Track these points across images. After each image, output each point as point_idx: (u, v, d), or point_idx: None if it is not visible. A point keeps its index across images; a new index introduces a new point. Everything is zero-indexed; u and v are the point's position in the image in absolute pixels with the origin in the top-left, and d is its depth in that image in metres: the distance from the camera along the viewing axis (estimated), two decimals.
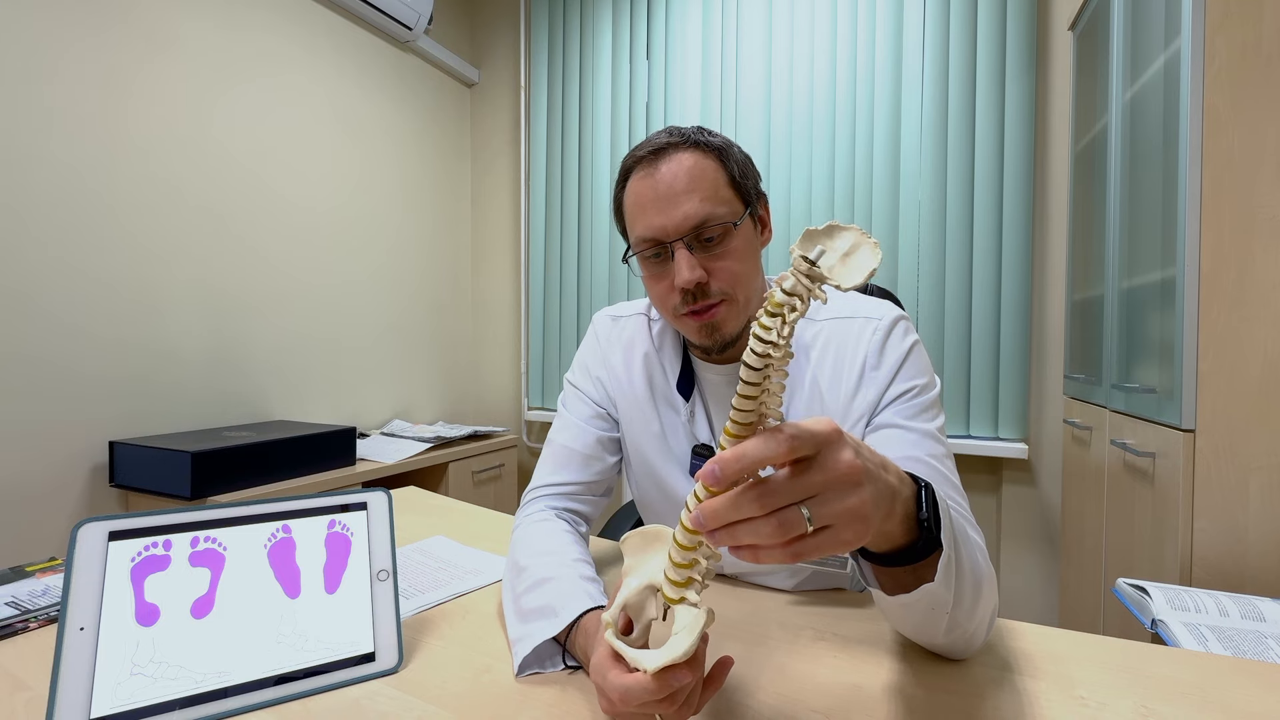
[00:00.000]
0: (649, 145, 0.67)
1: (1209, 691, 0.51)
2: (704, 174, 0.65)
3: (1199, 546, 0.90)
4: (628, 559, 0.46)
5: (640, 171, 0.67)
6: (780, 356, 0.35)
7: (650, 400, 0.77)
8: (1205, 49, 0.89)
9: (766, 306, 0.35)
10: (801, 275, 0.35)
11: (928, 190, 1.79)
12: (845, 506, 0.35)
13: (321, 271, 1.99)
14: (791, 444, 0.34)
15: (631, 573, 0.45)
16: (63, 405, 1.37)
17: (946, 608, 0.46)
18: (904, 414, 0.66)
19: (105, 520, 0.49)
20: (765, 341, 0.34)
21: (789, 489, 0.34)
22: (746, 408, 0.36)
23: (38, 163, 1.33)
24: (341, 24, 2.04)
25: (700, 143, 0.66)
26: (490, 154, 2.60)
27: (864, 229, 0.36)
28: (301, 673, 0.52)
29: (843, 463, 0.35)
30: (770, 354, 0.34)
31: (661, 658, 0.39)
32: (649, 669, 0.40)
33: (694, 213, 0.64)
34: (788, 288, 0.35)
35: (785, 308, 0.34)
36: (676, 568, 0.40)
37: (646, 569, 0.44)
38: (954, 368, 1.78)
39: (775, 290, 0.35)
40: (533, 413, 2.47)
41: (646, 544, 0.45)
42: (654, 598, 0.43)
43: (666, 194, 0.64)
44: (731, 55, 2.04)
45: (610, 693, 0.42)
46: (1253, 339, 0.87)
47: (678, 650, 0.39)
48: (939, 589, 0.43)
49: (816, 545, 0.35)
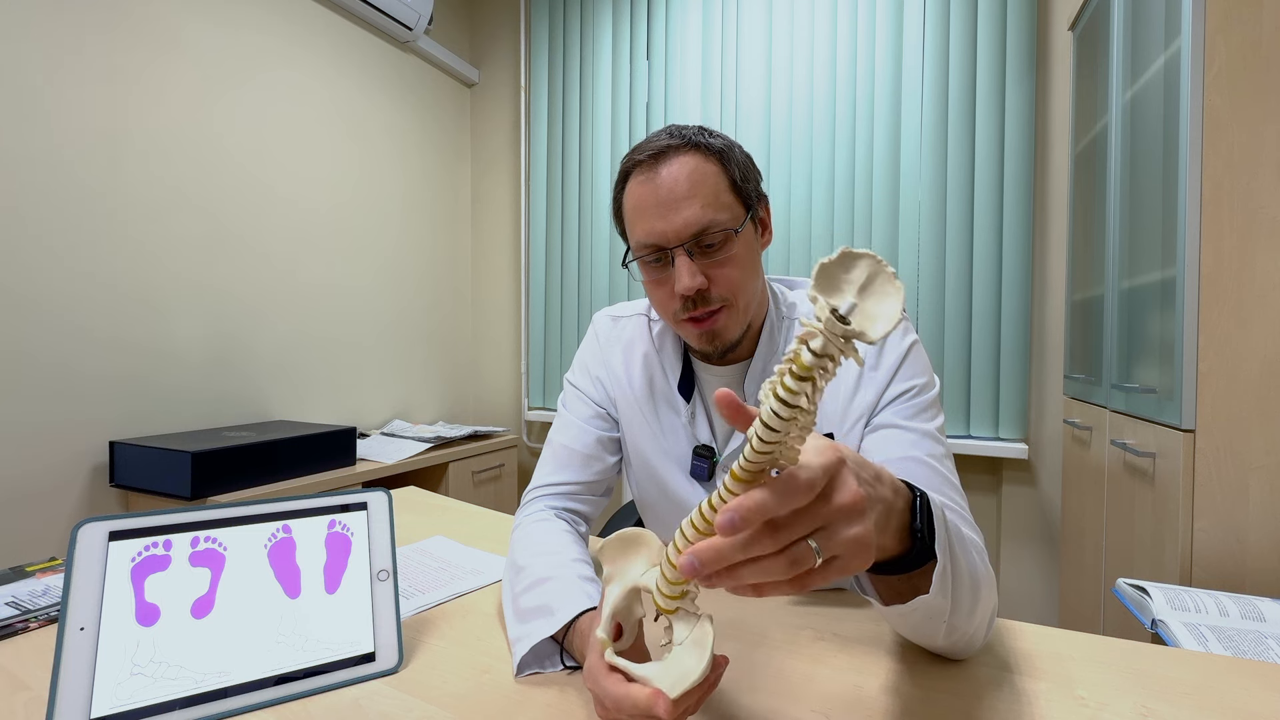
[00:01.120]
0: (649, 147, 0.65)
1: (1209, 691, 0.51)
2: (705, 178, 0.63)
3: (1199, 546, 0.90)
4: (607, 567, 0.45)
5: (640, 174, 0.65)
6: (806, 422, 0.32)
7: (650, 401, 0.77)
8: (1205, 49, 0.89)
9: (792, 368, 0.31)
10: (836, 336, 0.30)
11: (928, 190, 1.79)
12: (851, 536, 0.34)
13: (322, 271, 1.99)
14: (811, 491, 0.33)
15: (613, 580, 0.44)
16: (63, 405, 1.37)
17: (944, 615, 0.45)
18: (903, 414, 0.66)
19: (105, 520, 0.49)
20: (792, 407, 0.31)
21: (800, 524, 0.33)
22: (758, 461, 0.33)
23: (38, 163, 1.33)
24: (341, 24, 2.04)
25: (701, 144, 0.65)
26: (490, 154, 2.60)
27: (879, 255, 0.32)
28: (301, 673, 0.52)
29: (849, 493, 0.34)
30: (797, 417, 0.31)
31: (679, 685, 0.38)
32: (671, 694, 0.38)
33: (695, 219, 0.62)
34: (817, 348, 0.30)
35: (816, 370, 0.30)
36: (670, 584, 0.39)
37: (628, 573, 0.43)
38: (954, 368, 1.78)
39: (801, 350, 0.31)
40: (533, 413, 2.47)
41: (625, 548, 0.44)
42: (639, 598, 0.43)
43: (667, 199, 0.63)
44: (731, 56, 2.04)
45: (604, 699, 0.42)
46: (1252, 339, 0.87)
47: (694, 674, 0.37)
48: (935, 599, 0.42)
49: (823, 576, 0.34)
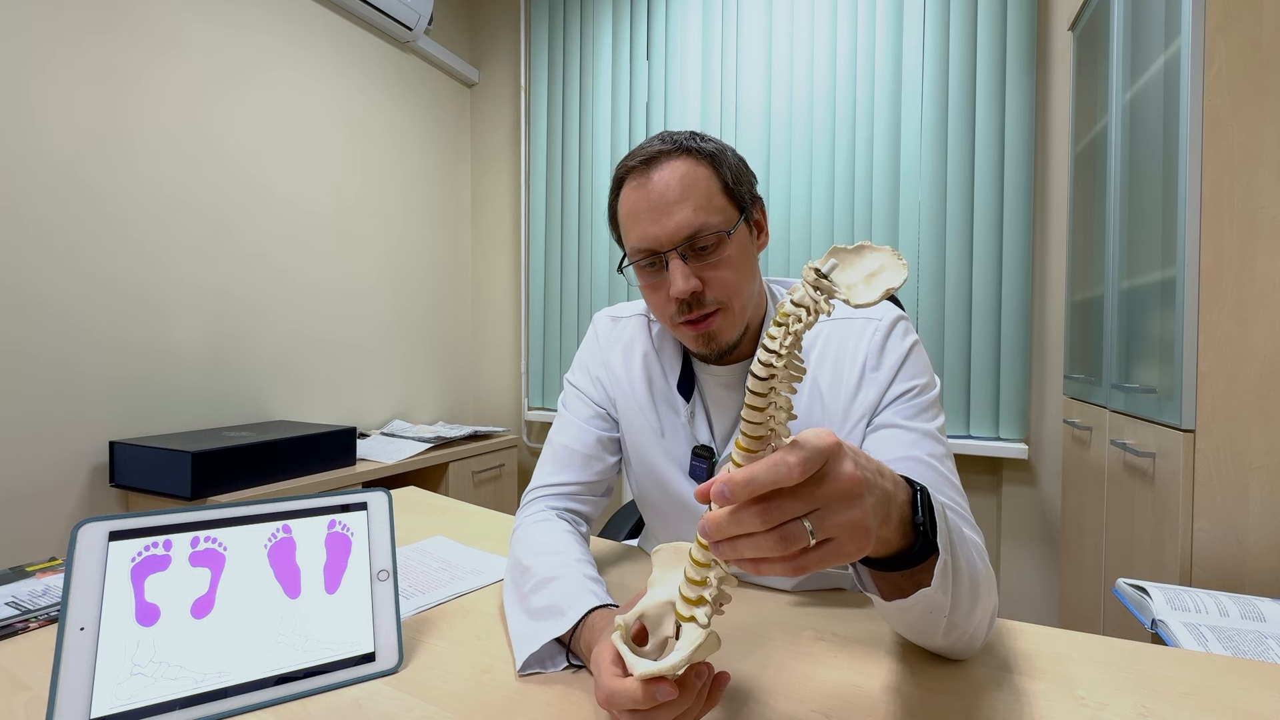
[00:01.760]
0: (641, 153, 0.67)
1: (1209, 691, 0.51)
2: (696, 182, 0.64)
3: (1199, 546, 0.90)
4: (656, 571, 0.45)
5: (633, 180, 0.67)
6: (784, 368, 0.34)
7: (650, 401, 0.77)
8: (1205, 49, 0.89)
9: (775, 317, 0.35)
10: (809, 287, 0.34)
11: (928, 190, 1.79)
12: (847, 519, 0.35)
13: (322, 271, 1.99)
14: (804, 467, 0.33)
15: (656, 584, 0.45)
16: (63, 405, 1.37)
17: (944, 611, 0.46)
18: (904, 414, 0.66)
19: (105, 520, 0.49)
20: (769, 350, 0.34)
21: (791, 504, 0.34)
22: (755, 419, 0.35)
23: (38, 163, 1.33)
24: (341, 24, 2.04)
25: (692, 149, 0.66)
26: (490, 154, 2.60)
27: (897, 250, 0.34)
28: (301, 673, 0.52)
29: (844, 475, 0.35)
30: (774, 364, 0.34)
31: (650, 668, 0.39)
32: (637, 675, 0.40)
33: (686, 222, 0.63)
34: (795, 299, 0.34)
35: (791, 318, 0.34)
36: (690, 584, 0.40)
37: (671, 585, 0.44)
38: (954, 368, 1.78)
39: (785, 301, 0.35)
40: (533, 413, 2.47)
41: (676, 559, 0.45)
42: (672, 614, 0.43)
43: (659, 203, 0.64)
44: (731, 56, 2.04)
45: (599, 689, 0.43)
46: (1252, 339, 0.87)
47: (666, 664, 0.39)
48: (936, 594, 0.43)
49: (819, 558, 0.35)
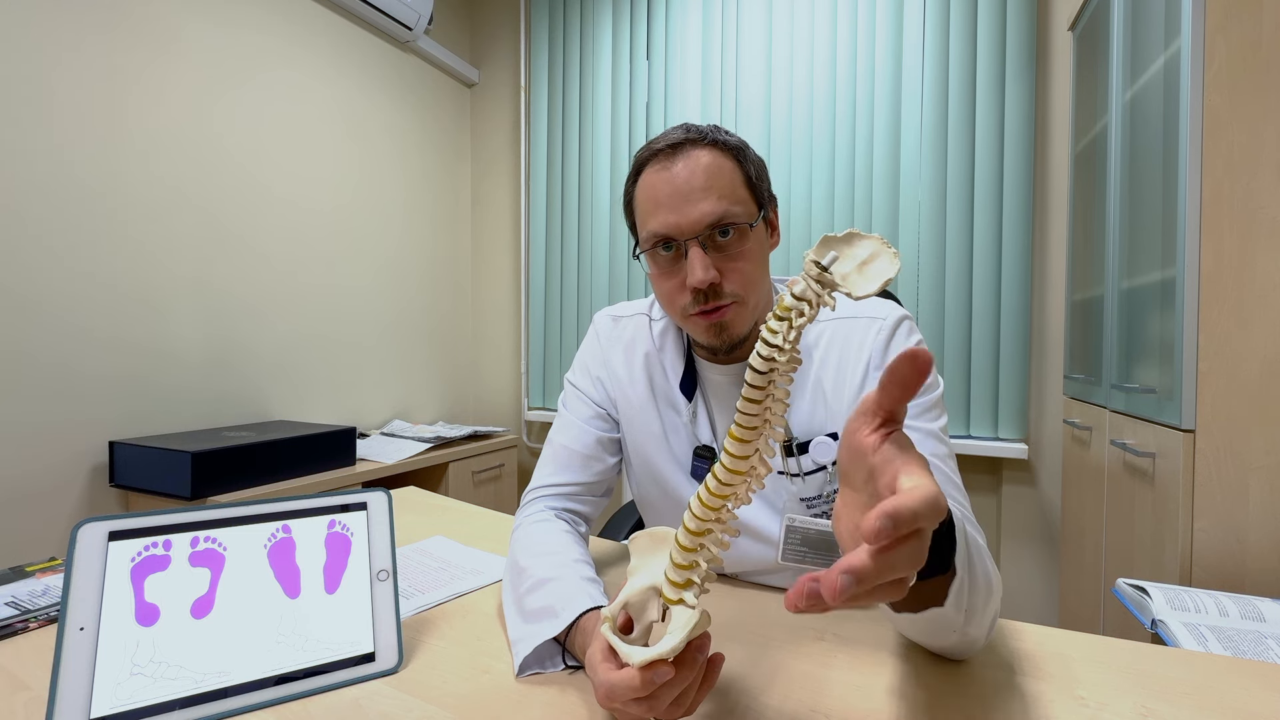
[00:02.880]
0: (665, 140, 0.66)
1: (1209, 691, 0.51)
2: (721, 172, 0.64)
3: (1199, 546, 0.90)
4: (634, 559, 0.46)
5: (655, 166, 0.66)
6: (785, 361, 0.34)
7: (651, 401, 0.77)
8: (1205, 49, 0.89)
9: (775, 310, 0.35)
10: (811, 280, 0.34)
11: (928, 190, 1.79)
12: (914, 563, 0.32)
13: (322, 271, 1.99)
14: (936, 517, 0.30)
15: (636, 573, 0.45)
16: (63, 405, 1.37)
17: (956, 626, 0.45)
18: (909, 413, 0.65)
19: (105, 520, 0.49)
20: (771, 345, 0.34)
21: None
22: (751, 411, 0.36)
23: (38, 162, 1.33)
24: (341, 24, 2.04)
25: (718, 141, 0.65)
26: (490, 154, 2.60)
27: (885, 238, 0.35)
28: (301, 673, 0.52)
29: None
30: (775, 358, 0.34)
31: (647, 653, 0.39)
32: (634, 663, 0.40)
33: (711, 211, 0.63)
34: (797, 292, 0.34)
35: (793, 312, 0.34)
36: (677, 568, 0.40)
37: (651, 570, 0.44)
38: (954, 368, 1.78)
39: (785, 294, 0.35)
40: (533, 413, 2.47)
41: (654, 545, 0.45)
42: (656, 599, 0.43)
43: (683, 190, 0.63)
44: (731, 55, 2.04)
45: (597, 687, 0.43)
46: (1252, 339, 0.87)
47: (664, 648, 0.39)
48: (950, 612, 0.42)
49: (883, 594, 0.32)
